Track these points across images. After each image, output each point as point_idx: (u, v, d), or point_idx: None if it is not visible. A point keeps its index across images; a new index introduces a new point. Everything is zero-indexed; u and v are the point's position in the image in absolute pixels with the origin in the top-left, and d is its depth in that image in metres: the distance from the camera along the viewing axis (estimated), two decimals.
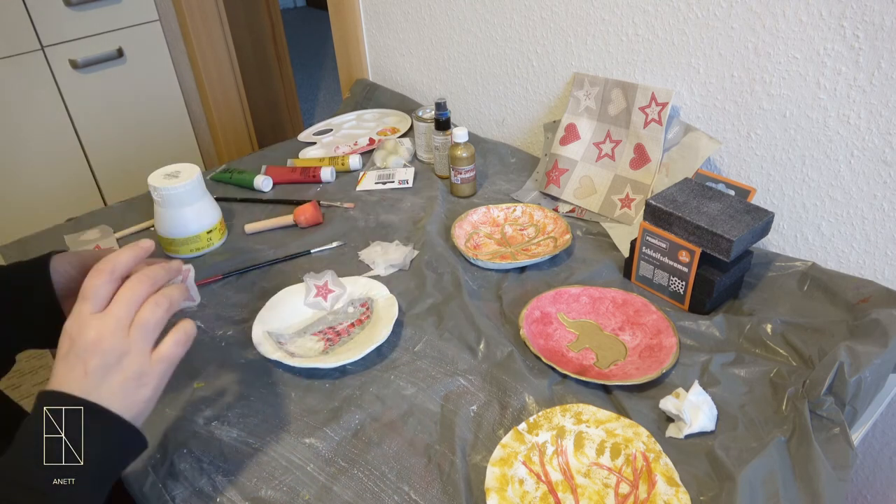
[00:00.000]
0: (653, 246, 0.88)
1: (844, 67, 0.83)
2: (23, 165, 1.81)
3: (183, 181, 1.00)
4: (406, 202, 1.17)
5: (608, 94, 1.07)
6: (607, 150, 1.09)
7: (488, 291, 0.94)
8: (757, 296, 0.88)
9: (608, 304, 0.88)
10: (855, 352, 0.70)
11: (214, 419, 0.75)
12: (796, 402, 0.70)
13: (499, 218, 1.09)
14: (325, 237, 1.08)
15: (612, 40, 1.07)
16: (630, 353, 0.82)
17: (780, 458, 0.65)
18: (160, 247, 1.06)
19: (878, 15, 0.78)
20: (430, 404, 0.76)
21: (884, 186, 0.85)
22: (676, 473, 0.64)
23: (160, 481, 0.68)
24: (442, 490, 0.66)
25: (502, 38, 1.25)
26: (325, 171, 1.24)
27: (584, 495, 0.64)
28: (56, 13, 1.73)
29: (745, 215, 0.83)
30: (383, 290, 0.91)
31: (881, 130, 0.83)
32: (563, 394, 0.76)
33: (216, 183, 1.27)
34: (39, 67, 1.75)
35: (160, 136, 2.05)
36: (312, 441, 0.72)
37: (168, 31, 1.95)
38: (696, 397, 0.70)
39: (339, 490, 0.66)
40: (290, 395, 0.78)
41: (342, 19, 1.56)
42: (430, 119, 1.23)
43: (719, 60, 0.94)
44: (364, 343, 0.82)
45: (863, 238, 0.89)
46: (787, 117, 0.90)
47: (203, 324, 0.90)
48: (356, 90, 1.58)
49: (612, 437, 0.69)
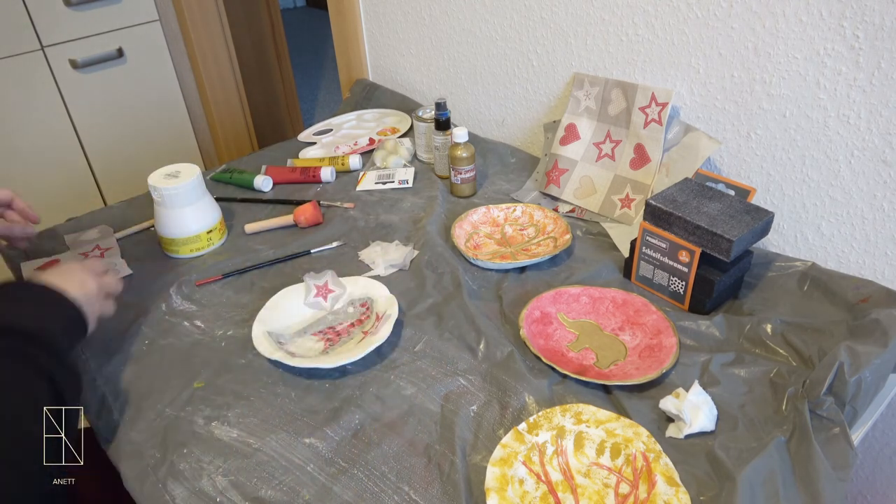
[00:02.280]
0: (653, 246, 0.88)
1: (844, 67, 0.83)
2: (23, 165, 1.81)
3: (183, 181, 1.00)
4: (406, 202, 1.17)
5: (608, 94, 1.07)
6: (607, 150, 1.09)
7: (488, 291, 0.94)
8: (757, 296, 0.88)
9: (608, 304, 0.88)
10: (855, 352, 0.70)
11: (214, 419, 0.75)
12: (796, 402, 0.70)
13: (499, 218, 1.09)
14: (325, 237, 1.08)
15: (612, 40, 1.07)
16: (630, 353, 0.82)
17: (780, 458, 0.65)
18: (160, 246, 1.06)
19: (878, 15, 0.78)
20: (430, 404, 0.76)
21: (884, 186, 0.85)
22: (676, 473, 0.64)
23: (160, 481, 0.68)
24: (442, 490, 0.66)
25: (502, 38, 1.25)
26: (325, 171, 1.24)
27: (584, 495, 0.64)
28: (56, 13, 1.73)
29: (745, 215, 0.83)
30: (383, 290, 0.91)
31: (881, 130, 0.83)
32: (563, 394, 0.76)
33: (216, 183, 1.27)
34: (39, 67, 1.75)
35: (160, 136, 2.05)
36: (312, 441, 0.72)
37: (168, 31, 1.95)
38: (696, 397, 0.70)
39: (339, 490, 0.66)
40: (290, 395, 0.78)
41: (342, 19, 1.56)
42: (430, 119, 1.23)
43: (719, 60, 0.94)
44: (364, 343, 0.82)
45: (863, 238, 0.89)
46: (787, 117, 0.90)
47: (203, 324, 0.90)
48: (356, 90, 1.58)
49: (612, 437, 0.69)
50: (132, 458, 0.71)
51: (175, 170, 1.03)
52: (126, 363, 0.84)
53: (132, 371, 0.83)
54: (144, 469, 0.70)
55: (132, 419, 0.76)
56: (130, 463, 0.71)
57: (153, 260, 1.04)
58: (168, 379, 0.81)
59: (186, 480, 0.68)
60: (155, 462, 0.70)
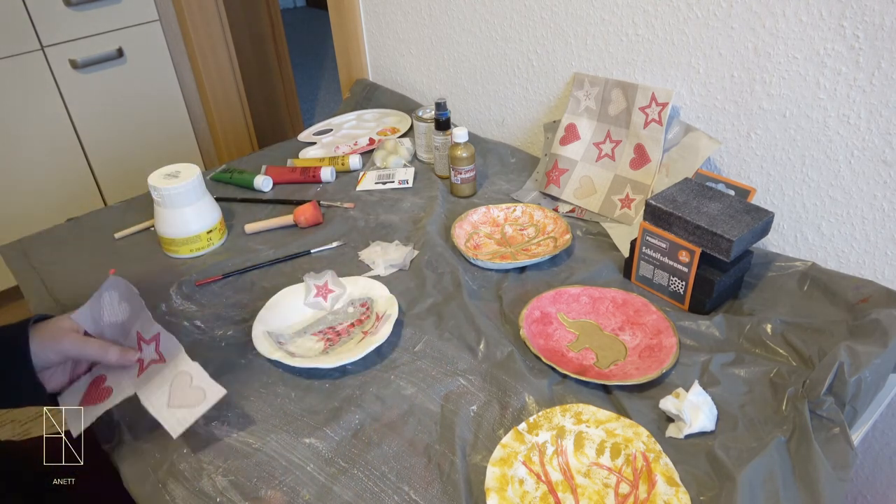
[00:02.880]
0: (653, 246, 0.88)
1: (844, 67, 0.83)
2: (23, 165, 1.81)
3: (183, 181, 1.00)
4: (406, 202, 1.17)
5: (608, 94, 1.07)
6: (607, 151, 1.09)
7: (488, 291, 0.94)
8: (757, 296, 0.88)
9: (608, 304, 0.88)
10: (855, 352, 0.70)
11: (214, 419, 0.75)
12: (796, 402, 0.70)
13: (499, 218, 1.09)
14: (325, 237, 1.08)
15: (612, 40, 1.07)
16: (630, 353, 0.82)
17: (780, 458, 0.65)
18: (160, 246, 1.06)
19: (878, 15, 0.78)
20: (430, 404, 0.76)
21: (884, 186, 0.85)
22: (676, 473, 0.64)
23: (160, 481, 0.68)
24: (442, 490, 0.66)
25: (502, 38, 1.25)
26: (325, 171, 1.24)
27: (584, 495, 0.64)
28: (56, 13, 1.73)
29: (745, 215, 0.83)
30: (383, 290, 0.91)
31: (881, 130, 0.83)
32: (563, 394, 0.76)
33: (216, 183, 1.27)
34: (39, 67, 1.75)
35: (160, 136, 2.05)
36: (312, 441, 0.72)
37: (168, 31, 1.95)
38: (696, 397, 0.70)
39: (339, 490, 0.66)
40: (290, 395, 0.78)
41: (342, 19, 1.56)
42: (430, 119, 1.23)
43: (719, 60, 0.94)
44: (364, 343, 0.82)
45: (863, 238, 0.89)
46: (787, 117, 0.90)
47: (203, 324, 0.90)
48: (356, 90, 1.58)
49: (612, 437, 0.69)
50: (132, 458, 0.71)
51: (175, 170, 1.03)
52: None
53: None
54: (144, 469, 0.70)
55: (132, 419, 0.76)
56: (130, 463, 0.71)
57: (153, 260, 1.04)
58: None
59: (186, 480, 0.68)
60: (155, 462, 0.70)
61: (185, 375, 0.71)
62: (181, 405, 0.69)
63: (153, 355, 0.73)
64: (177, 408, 0.69)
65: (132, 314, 0.75)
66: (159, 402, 0.70)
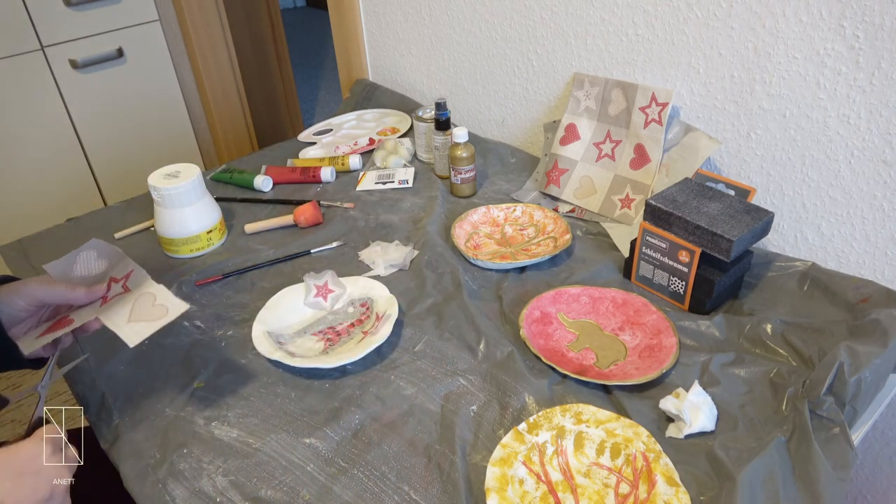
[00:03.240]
0: (653, 246, 0.88)
1: (844, 67, 0.83)
2: (23, 165, 1.81)
3: (183, 181, 1.00)
4: (406, 202, 1.17)
5: (608, 94, 1.07)
6: (607, 151, 1.09)
7: (488, 291, 0.94)
8: (757, 296, 0.88)
9: (608, 304, 0.88)
10: (855, 352, 0.70)
11: (214, 419, 0.75)
12: (796, 402, 0.70)
13: (499, 218, 1.09)
14: (325, 237, 1.08)
15: (612, 40, 1.07)
16: (630, 353, 0.82)
17: (780, 458, 0.65)
18: (160, 246, 1.06)
19: (878, 15, 0.78)
20: (430, 404, 0.76)
21: (884, 186, 0.85)
22: (676, 473, 0.64)
23: (160, 481, 0.68)
24: (442, 490, 0.66)
25: (502, 38, 1.25)
26: (325, 171, 1.24)
27: (584, 495, 0.64)
28: (56, 13, 1.73)
29: (745, 215, 0.83)
30: (383, 290, 0.91)
31: (881, 130, 0.83)
32: (563, 394, 0.76)
33: (216, 183, 1.27)
34: (39, 67, 1.75)
35: (160, 136, 2.05)
36: (312, 441, 0.72)
37: (168, 31, 1.95)
38: (696, 397, 0.70)
39: (339, 490, 0.66)
40: (290, 395, 0.78)
41: (342, 19, 1.56)
42: (430, 119, 1.23)
43: (719, 60, 0.94)
44: (364, 343, 0.82)
45: (863, 238, 0.89)
46: (787, 117, 0.90)
47: (203, 324, 0.90)
48: (356, 90, 1.58)
49: (612, 437, 0.69)
50: (132, 458, 0.71)
51: (175, 170, 1.03)
52: (126, 363, 0.84)
53: (132, 371, 0.83)
54: (144, 469, 0.70)
55: (132, 419, 0.76)
56: (130, 463, 0.71)
57: (153, 260, 1.04)
58: (168, 379, 0.81)
59: (186, 480, 0.68)
60: (155, 462, 0.70)
61: (149, 296, 0.71)
62: (141, 319, 0.69)
63: (119, 290, 0.73)
64: (136, 321, 0.69)
65: (109, 267, 0.74)
66: (120, 320, 0.69)
